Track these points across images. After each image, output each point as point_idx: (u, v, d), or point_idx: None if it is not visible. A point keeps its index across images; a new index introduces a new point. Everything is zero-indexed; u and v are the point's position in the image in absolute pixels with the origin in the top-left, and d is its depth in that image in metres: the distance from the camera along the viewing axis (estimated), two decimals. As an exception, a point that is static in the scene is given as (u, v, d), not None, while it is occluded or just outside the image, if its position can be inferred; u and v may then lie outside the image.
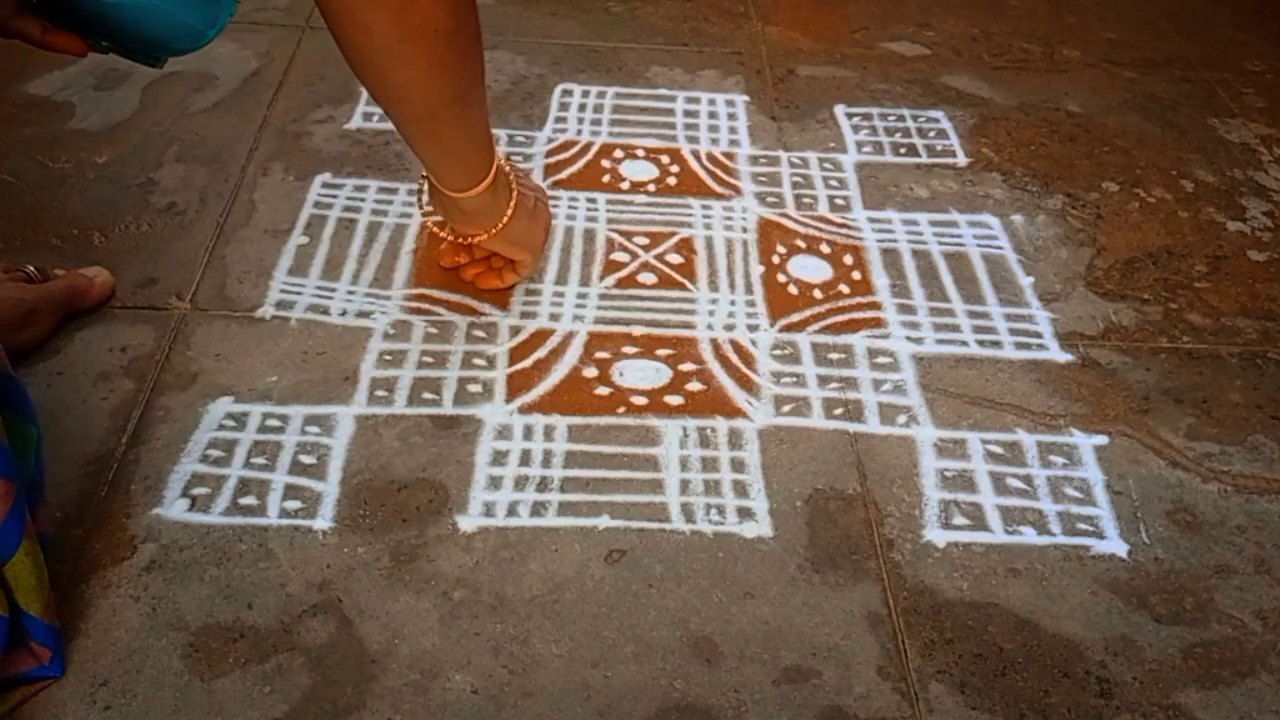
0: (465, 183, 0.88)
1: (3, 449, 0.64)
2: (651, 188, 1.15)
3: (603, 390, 0.92)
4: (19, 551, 0.65)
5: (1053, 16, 1.51)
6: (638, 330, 0.98)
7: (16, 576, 0.66)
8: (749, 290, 1.03)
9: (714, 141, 1.22)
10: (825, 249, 1.08)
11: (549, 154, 1.18)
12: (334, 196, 1.10)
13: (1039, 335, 1.01)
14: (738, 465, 0.87)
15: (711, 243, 1.08)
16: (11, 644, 0.67)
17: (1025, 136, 1.27)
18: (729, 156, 1.20)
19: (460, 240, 0.97)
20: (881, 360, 0.97)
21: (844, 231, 1.11)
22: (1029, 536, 0.83)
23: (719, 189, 1.15)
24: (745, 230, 1.10)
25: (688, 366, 0.95)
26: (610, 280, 1.03)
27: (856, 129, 1.26)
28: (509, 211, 0.93)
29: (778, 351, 0.97)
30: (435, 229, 0.99)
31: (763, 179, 1.17)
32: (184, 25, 0.73)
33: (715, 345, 0.97)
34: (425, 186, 0.94)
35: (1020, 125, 1.29)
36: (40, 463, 0.72)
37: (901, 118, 1.28)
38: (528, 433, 0.88)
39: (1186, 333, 1.03)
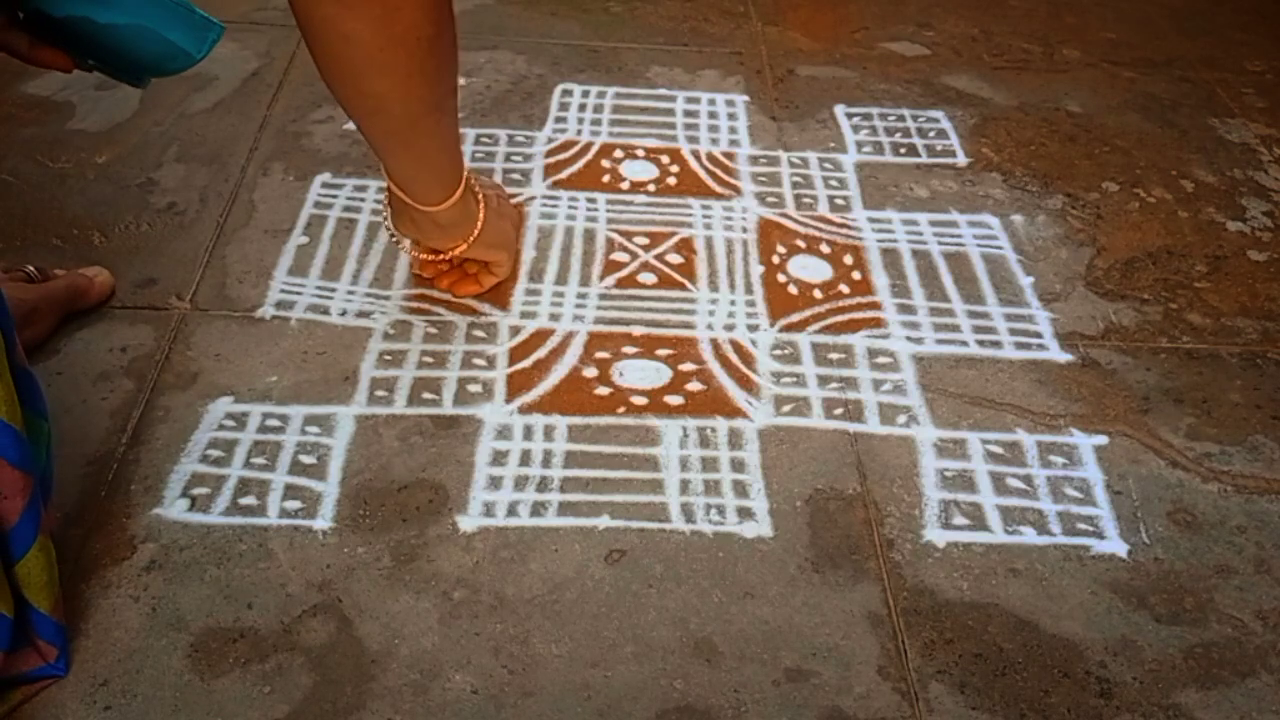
0: (440, 195, 0.87)
1: (22, 441, 0.64)
2: (651, 188, 1.15)
3: (603, 390, 0.92)
4: (34, 548, 0.65)
5: (1053, 16, 1.51)
6: (638, 330, 0.98)
7: (30, 573, 0.66)
8: (749, 290, 1.03)
9: (714, 141, 1.22)
10: (825, 249, 1.08)
11: (549, 154, 1.18)
12: (334, 196, 1.10)
13: (1039, 335, 1.01)
14: (738, 465, 0.87)
15: (711, 243, 1.08)
16: (15, 644, 0.67)
17: (1025, 136, 1.27)
18: (729, 156, 1.20)
19: (440, 256, 0.96)
20: (881, 360, 0.97)
21: (844, 231, 1.11)
22: (1029, 536, 0.83)
23: (719, 189, 1.15)
24: (745, 230, 1.10)
25: (688, 366, 0.95)
26: (610, 280, 1.03)
27: (856, 129, 1.26)
28: (480, 216, 0.92)
29: (778, 351, 0.97)
30: (415, 254, 0.97)
31: (763, 179, 1.17)
32: (173, 47, 0.72)
33: (715, 345, 0.97)
34: (389, 213, 0.93)
35: (1020, 125, 1.29)
36: (50, 459, 0.72)
37: (901, 118, 1.28)
38: (528, 433, 0.88)
39: (1186, 333, 1.03)
